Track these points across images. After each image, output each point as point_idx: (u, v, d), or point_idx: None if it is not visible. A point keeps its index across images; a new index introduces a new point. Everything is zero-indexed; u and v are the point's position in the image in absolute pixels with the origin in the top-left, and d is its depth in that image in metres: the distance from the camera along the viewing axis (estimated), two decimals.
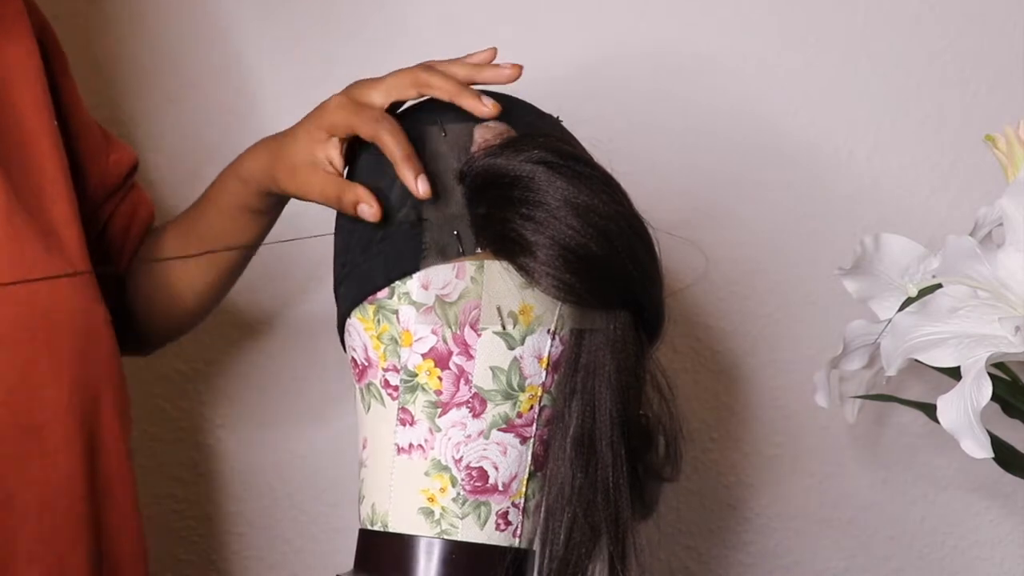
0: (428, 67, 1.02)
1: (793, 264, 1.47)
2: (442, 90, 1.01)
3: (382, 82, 1.03)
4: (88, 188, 1.14)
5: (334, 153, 1.03)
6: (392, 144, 0.98)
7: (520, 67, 1.02)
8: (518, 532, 1.01)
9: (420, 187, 0.97)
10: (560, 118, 1.05)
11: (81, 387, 1.03)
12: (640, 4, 1.45)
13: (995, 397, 1.06)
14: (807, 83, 1.45)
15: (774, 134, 1.46)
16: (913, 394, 1.42)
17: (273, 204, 1.12)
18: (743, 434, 1.49)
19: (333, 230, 1.05)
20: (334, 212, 1.04)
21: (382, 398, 1.01)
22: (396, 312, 1.00)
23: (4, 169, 1.02)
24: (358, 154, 1.04)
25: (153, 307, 1.18)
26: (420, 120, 1.02)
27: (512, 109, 1.02)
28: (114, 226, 1.18)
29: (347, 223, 1.03)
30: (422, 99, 1.03)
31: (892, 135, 1.46)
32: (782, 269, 1.47)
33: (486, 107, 1.00)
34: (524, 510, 1.01)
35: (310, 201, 1.05)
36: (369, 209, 0.99)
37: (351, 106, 1.02)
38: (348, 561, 1.04)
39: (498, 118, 1.01)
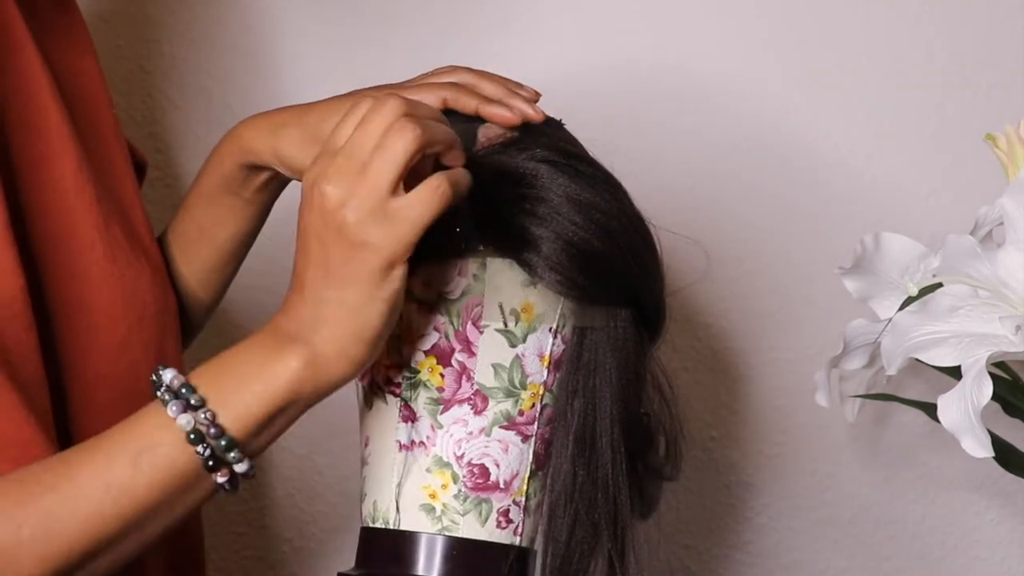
0: (456, 86, 1.02)
1: (793, 264, 1.47)
2: (468, 107, 1.01)
3: (411, 92, 1.01)
4: None
5: None
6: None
7: (542, 117, 1.02)
8: (519, 530, 1.01)
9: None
10: (563, 121, 1.06)
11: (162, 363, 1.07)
12: (640, 6, 1.46)
13: (996, 396, 1.06)
14: (807, 83, 1.45)
15: (774, 133, 1.46)
16: (913, 393, 1.42)
17: (259, 188, 1.10)
18: (743, 434, 1.49)
19: None
20: None
21: (384, 395, 1.01)
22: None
23: (95, 172, 1.04)
24: None
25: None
26: None
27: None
28: None
29: None
30: None
31: (892, 135, 1.46)
32: (782, 269, 1.47)
33: (510, 114, 1.00)
34: (525, 508, 1.01)
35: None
36: None
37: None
38: (348, 561, 1.05)
39: None
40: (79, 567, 0.89)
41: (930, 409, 1.06)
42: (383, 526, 1.01)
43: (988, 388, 1.02)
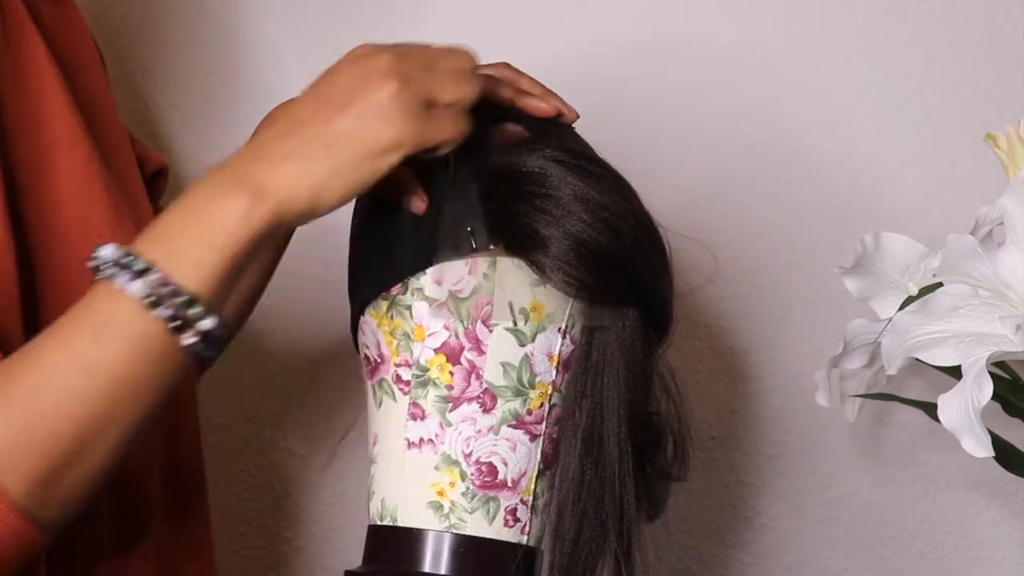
0: (494, 77, 1.03)
1: (793, 264, 1.47)
2: (503, 96, 1.02)
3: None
4: None
5: None
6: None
7: (576, 116, 1.04)
8: (527, 529, 1.01)
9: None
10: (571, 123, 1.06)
11: None
12: (641, 9, 1.46)
13: (996, 396, 1.06)
14: (807, 83, 1.46)
15: (774, 134, 1.46)
16: (914, 393, 1.42)
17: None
18: (743, 434, 1.49)
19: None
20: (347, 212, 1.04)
21: (393, 393, 1.01)
22: (409, 307, 1.00)
23: (104, 163, 1.03)
24: None
25: None
26: None
27: (526, 113, 1.04)
28: None
29: (362, 220, 1.04)
30: None
31: (892, 135, 1.46)
32: (782, 269, 1.47)
33: (545, 105, 1.02)
34: (533, 507, 1.01)
35: None
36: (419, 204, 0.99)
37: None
38: (347, 560, 1.05)
39: (512, 121, 1.02)
40: (72, 458, 0.87)
41: (930, 409, 1.06)
42: (391, 523, 1.01)
43: (988, 388, 1.02)
